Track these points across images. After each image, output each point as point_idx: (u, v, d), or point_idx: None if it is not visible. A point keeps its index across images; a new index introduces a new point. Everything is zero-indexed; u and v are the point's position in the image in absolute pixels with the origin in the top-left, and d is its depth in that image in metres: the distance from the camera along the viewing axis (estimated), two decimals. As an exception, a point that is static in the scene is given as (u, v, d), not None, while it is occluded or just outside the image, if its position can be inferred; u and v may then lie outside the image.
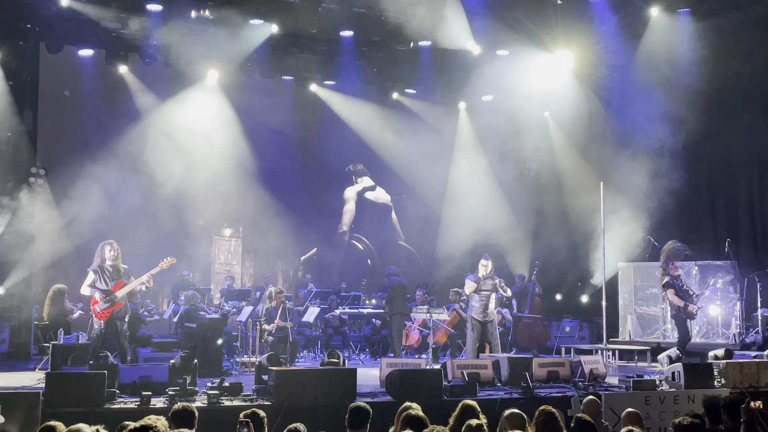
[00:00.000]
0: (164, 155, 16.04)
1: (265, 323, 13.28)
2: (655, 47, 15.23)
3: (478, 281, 12.30)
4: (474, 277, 12.45)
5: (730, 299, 14.98)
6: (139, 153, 15.99)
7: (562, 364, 11.13)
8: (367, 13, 15.07)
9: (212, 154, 17.04)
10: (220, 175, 17.38)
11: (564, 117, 17.56)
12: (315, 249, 19.36)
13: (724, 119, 15.76)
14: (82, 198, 14.75)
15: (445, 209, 19.15)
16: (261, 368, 9.70)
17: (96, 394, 8.34)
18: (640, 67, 15.53)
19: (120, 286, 10.66)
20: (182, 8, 14.28)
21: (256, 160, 17.67)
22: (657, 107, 15.48)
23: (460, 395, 9.24)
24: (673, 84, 15.08)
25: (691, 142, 15.87)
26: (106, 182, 15.19)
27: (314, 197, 19.35)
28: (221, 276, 18.25)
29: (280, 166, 18.26)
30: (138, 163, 15.97)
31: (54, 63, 15.81)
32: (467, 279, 12.68)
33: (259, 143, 17.70)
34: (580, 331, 17.08)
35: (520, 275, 16.85)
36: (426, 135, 19.27)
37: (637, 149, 15.79)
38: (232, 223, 19.02)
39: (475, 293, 12.29)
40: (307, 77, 17.68)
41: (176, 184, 16.24)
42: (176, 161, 16.22)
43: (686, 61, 14.98)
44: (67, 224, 14.99)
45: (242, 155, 17.33)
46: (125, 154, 15.92)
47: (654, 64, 15.31)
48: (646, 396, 9.08)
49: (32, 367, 12.70)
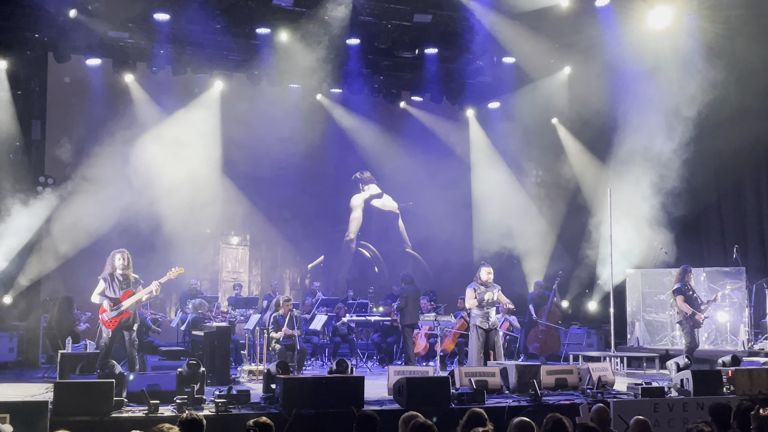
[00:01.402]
0: (171, 163, 16.07)
1: (273, 331, 13.29)
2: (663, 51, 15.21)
3: (477, 288, 12.28)
4: (473, 285, 12.41)
5: (738, 306, 14.93)
6: (147, 161, 16.01)
7: (570, 372, 11.09)
8: (374, 21, 15.13)
9: (219, 162, 17.10)
10: (226, 183, 17.44)
11: (572, 124, 17.56)
12: (322, 257, 19.36)
13: (733, 125, 15.71)
14: (90, 207, 14.78)
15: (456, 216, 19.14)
16: (269, 376, 9.70)
17: (104, 403, 8.36)
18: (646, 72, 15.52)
19: (128, 295, 10.69)
20: (189, 17, 14.33)
21: (263, 168, 17.70)
22: (665, 113, 15.47)
23: (468, 403, 9.23)
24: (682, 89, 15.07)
25: (699, 149, 15.84)
26: (113, 191, 15.21)
27: (321, 205, 19.37)
28: (229, 284, 18.25)
29: (286, 174, 18.29)
30: (145, 171, 15.99)
31: (62, 72, 15.90)
32: (468, 288, 12.60)
33: (266, 151, 17.73)
34: (588, 338, 17.03)
35: (539, 282, 16.78)
36: (433, 141, 19.32)
37: (645, 155, 15.77)
38: (239, 231, 19.03)
39: (476, 300, 12.27)
40: (313, 85, 17.71)
41: (183, 192, 16.25)
42: (183, 169, 16.25)
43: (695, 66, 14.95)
44: (74, 233, 15.03)
45: (249, 163, 17.37)
46: (132, 163, 15.95)
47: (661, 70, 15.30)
48: (655, 403, 9.06)
49: (41, 376, 12.74)
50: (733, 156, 16.04)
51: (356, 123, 18.92)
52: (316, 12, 14.66)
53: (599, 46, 15.50)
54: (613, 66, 15.83)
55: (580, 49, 15.85)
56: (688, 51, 14.98)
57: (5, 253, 14.22)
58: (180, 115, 16.66)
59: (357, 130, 19.00)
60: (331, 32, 15.05)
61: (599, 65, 15.92)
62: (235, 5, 14.41)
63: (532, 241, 18.11)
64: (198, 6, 14.11)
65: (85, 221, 14.86)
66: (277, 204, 18.42)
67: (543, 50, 15.97)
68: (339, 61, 16.28)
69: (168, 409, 8.65)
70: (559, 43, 15.96)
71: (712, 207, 16.89)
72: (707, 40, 14.75)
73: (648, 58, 15.31)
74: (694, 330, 12.53)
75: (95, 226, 15.02)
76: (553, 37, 15.71)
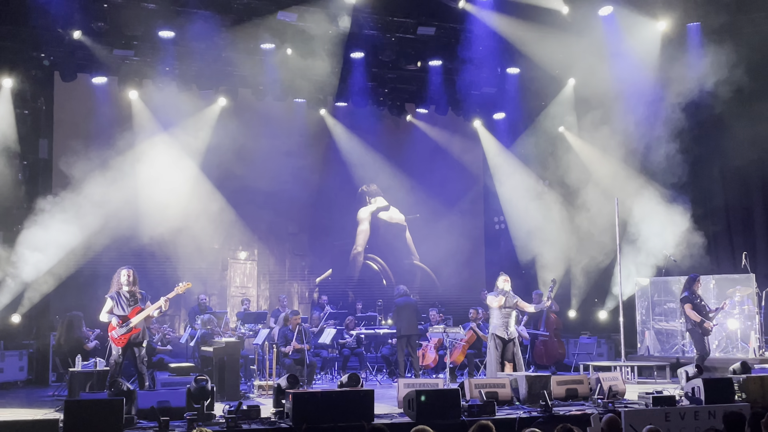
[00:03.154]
0: (178, 179, 16.13)
1: (282, 346, 13.27)
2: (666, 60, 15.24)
3: (502, 294, 12.24)
4: (495, 293, 12.38)
5: (748, 313, 14.86)
6: (153, 178, 16.06)
7: (580, 382, 11.05)
8: (377, 35, 15.19)
9: (225, 177, 17.12)
10: (233, 198, 17.45)
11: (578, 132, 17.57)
12: (330, 270, 19.36)
13: (739, 131, 15.69)
14: (97, 224, 14.82)
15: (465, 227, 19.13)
16: (279, 391, 9.68)
17: (114, 421, 8.32)
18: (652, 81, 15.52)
19: (136, 312, 10.71)
20: (194, 34, 14.41)
21: (270, 182, 17.70)
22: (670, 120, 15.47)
23: (478, 415, 9.20)
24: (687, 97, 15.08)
25: (707, 155, 15.82)
26: (120, 208, 15.25)
27: (328, 218, 19.38)
28: (237, 299, 18.25)
29: (293, 188, 18.31)
30: (152, 188, 16.03)
31: (68, 91, 15.98)
32: (489, 295, 12.59)
33: (272, 166, 17.74)
34: (598, 348, 16.97)
35: (538, 292, 16.78)
36: (439, 153, 19.33)
37: (652, 163, 15.76)
38: (246, 246, 19.05)
39: (496, 310, 12.22)
40: (319, 99, 17.76)
41: (190, 208, 16.29)
42: (189, 185, 16.30)
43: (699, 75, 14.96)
44: (82, 251, 15.08)
45: (255, 178, 17.38)
46: (139, 180, 16.01)
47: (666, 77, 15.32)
48: (666, 412, 8.99)
49: (51, 395, 12.75)
50: (740, 162, 16.02)
51: (362, 136, 18.94)
52: (320, 26, 14.73)
53: (603, 54, 15.51)
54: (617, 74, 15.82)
55: (585, 58, 15.85)
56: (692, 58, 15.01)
57: (14, 272, 14.25)
58: (186, 131, 16.70)
59: (362, 143, 19.03)
60: (335, 46, 15.12)
61: (604, 73, 15.91)
62: (239, 21, 14.50)
63: (545, 249, 18.08)
64: (202, 23, 14.20)
65: (93, 239, 14.91)
66: (284, 218, 18.43)
67: (548, 59, 15.99)
68: (343, 74, 16.34)
69: (178, 425, 8.64)
70: (563, 52, 15.97)
71: (720, 214, 16.82)
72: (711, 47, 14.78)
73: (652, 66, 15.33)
74: (704, 338, 12.48)
75: (103, 243, 15.06)
76: (558, 47, 15.72)
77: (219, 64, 15.83)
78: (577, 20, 14.98)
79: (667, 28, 15.23)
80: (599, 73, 15.89)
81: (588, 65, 15.93)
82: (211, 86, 16.64)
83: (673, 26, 15.21)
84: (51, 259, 14.53)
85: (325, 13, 14.58)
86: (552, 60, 16.06)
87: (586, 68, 16.07)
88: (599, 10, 14.87)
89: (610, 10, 14.83)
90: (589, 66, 15.92)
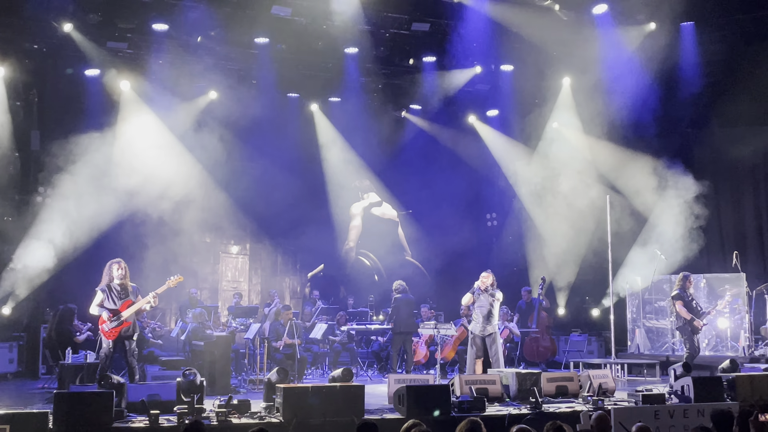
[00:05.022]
0: (169, 173, 16.06)
1: (273, 340, 13.26)
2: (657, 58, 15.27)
3: (471, 291, 12.28)
4: (473, 290, 12.41)
5: (738, 312, 14.92)
6: (146, 171, 15.99)
7: (570, 379, 11.09)
8: (372, 30, 15.17)
9: (217, 171, 17.07)
10: (225, 192, 17.40)
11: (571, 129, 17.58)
12: (322, 265, 19.34)
13: (731, 130, 15.75)
14: (88, 217, 14.76)
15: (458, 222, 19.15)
16: (269, 385, 9.68)
17: (104, 413, 8.31)
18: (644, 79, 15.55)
19: (127, 305, 10.67)
20: (188, 27, 14.37)
21: (262, 177, 17.68)
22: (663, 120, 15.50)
23: (468, 411, 9.21)
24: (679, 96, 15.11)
25: (697, 154, 15.86)
26: (112, 201, 15.19)
27: (320, 214, 19.36)
28: (229, 293, 18.25)
29: (285, 183, 18.27)
30: (144, 181, 15.97)
31: (60, 82, 15.91)
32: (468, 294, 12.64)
33: (265, 160, 17.71)
34: (589, 345, 17.02)
35: (527, 288, 16.82)
36: (433, 148, 19.32)
37: (644, 162, 15.79)
38: (238, 240, 19.03)
39: (472, 307, 12.31)
40: (312, 94, 17.73)
41: (182, 201, 16.24)
42: (181, 179, 16.24)
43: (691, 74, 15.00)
44: (72, 243, 15.02)
45: (247, 172, 17.35)
46: (130, 172, 15.93)
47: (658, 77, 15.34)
48: (656, 410, 9.02)
49: (41, 387, 12.72)
50: (732, 162, 16.07)
51: (354, 131, 18.90)
52: (315, 21, 14.70)
53: (598, 52, 15.53)
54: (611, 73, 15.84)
55: (580, 55, 15.87)
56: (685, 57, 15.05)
57: (4, 264, 14.20)
58: (178, 125, 16.64)
59: (355, 138, 19.00)
60: (329, 41, 15.10)
61: (598, 72, 15.94)
62: (233, 15, 14.45)
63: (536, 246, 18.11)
64: (196, 16, 14.16)
65: (84, 231, 14.84)
66: (277, 213, 18.41)
67: (541, 57, 15.99)
68: (337, 70, 16.32)
69: (168, 419, 8.63)
70: (557, 50, 15.97)
71: (711, 213, 16.85)
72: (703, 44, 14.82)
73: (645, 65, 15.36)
74: (693, 336, 12.53)
75: (93, 236, 15.00)
76: (552, 44, 15.73)
77: (212, 58, 15.77)
78: (571, 18, 14.98)
79: (658, 28, 15.24)
80: (593, 70, 15.92)
81: (582, 62, 15.95)
82: (204, 80, 16.57)
83: (666, 26, 15.23)
84: (42, 251, 14.49)
85: (319, 9, 14.56)
86: (546, 57, 16.05)
87: (580, 65, 16.10)
88: (593, 9, 14.87)
89: (604, 8, 14.84)
90: (583, 63, 15.95)
